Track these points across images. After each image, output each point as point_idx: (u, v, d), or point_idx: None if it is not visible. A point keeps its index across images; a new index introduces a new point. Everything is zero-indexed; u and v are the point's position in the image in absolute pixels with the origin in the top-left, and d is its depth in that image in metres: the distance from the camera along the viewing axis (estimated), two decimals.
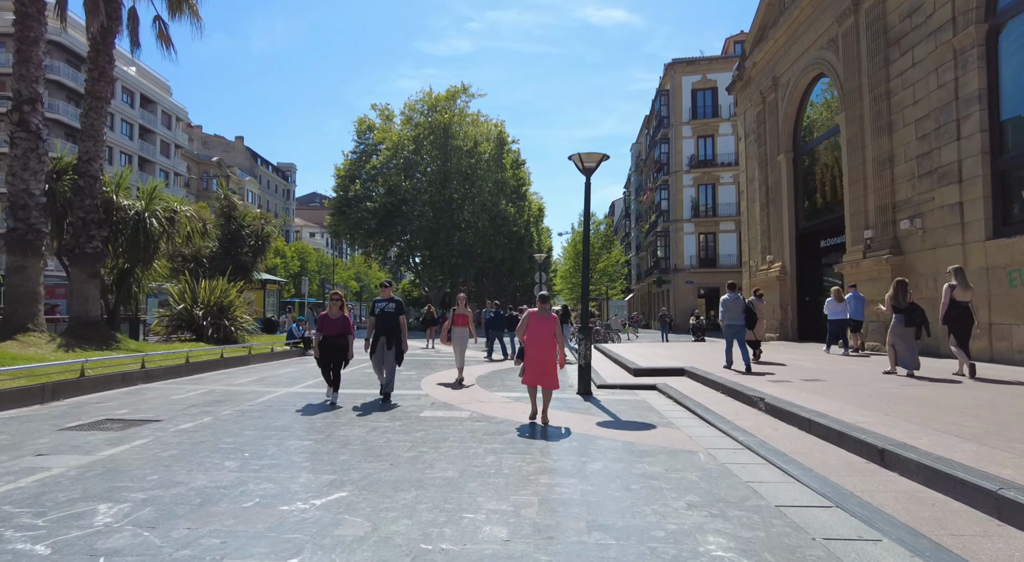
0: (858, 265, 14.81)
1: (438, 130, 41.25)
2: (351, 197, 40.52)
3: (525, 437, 5.91)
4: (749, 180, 23.60)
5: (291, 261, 63.46)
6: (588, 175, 9.34)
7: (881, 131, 14.01)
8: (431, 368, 13.24)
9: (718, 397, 8.33)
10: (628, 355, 13.83)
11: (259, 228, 18.57)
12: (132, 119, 50.45)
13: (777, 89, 20.55)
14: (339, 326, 8.09)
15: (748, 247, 23.89)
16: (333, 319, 8.12)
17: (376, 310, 8.36)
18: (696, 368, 10.70)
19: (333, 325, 8.08)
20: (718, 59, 41.99)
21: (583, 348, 9.18)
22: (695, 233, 41.48)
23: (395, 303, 8.44)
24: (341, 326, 8.11)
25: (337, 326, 8.08)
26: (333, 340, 8.05)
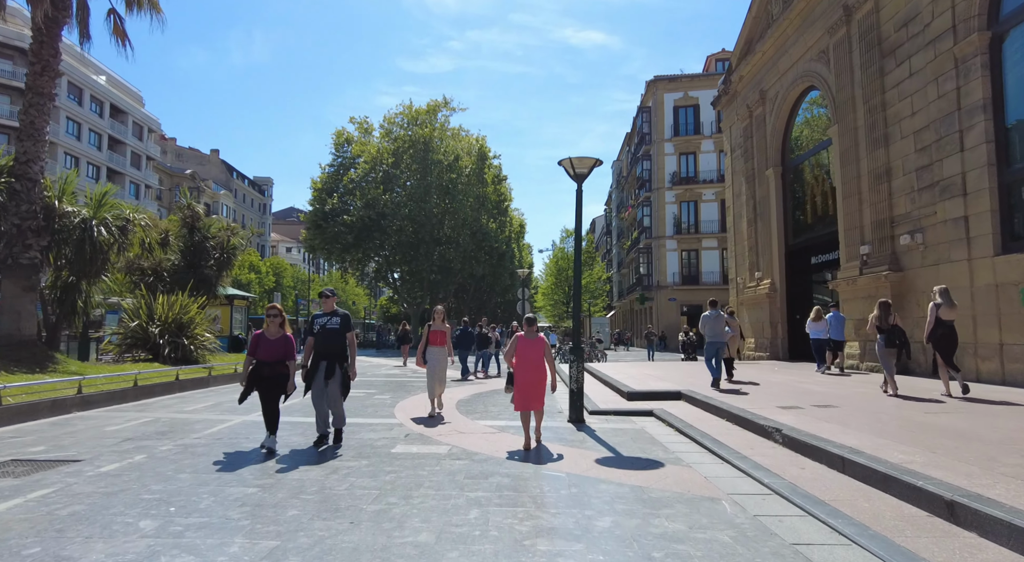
0: (854, 282, 14.27)
1: (418, 143, 40.51)
2: (328, 211, 39.39)
3: (514, 480, 5.01)
4: (736, 195, 23.18)
5: (266, 276, 61.79)
6: (580, 182, 8.59)
7: (877, 143, 13.56)
8: (406, 391, 12.24)
9: (725, 425, 7.53)
10: (618, 376, 13.01)
11: (224, 240, 17.39)
12: (101, 129, 48.86)
13: (765, 102, 20.21)
14: (278, 349, 6.34)
15: (735, 264, 23.39)
16: (271, 340, 6.33)
17: (315, 327, 6.64)
18: (694, 391, 9.92)
19: (271, 348, 6.30)
20: (700, 77, 42.10)
21: (574, 371, 8.33)
22: (677, 250, 41.16)
23: (339, 317, 6.69)
24: (281, 349, 6.36)
25: (276, 349, 6.33)
26: (270, 368, 6.28)
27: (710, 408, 8.65)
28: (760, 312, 20.29)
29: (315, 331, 6.65)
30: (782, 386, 10.79)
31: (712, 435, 6.90)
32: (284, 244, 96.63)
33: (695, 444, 6.68)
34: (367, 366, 20.89)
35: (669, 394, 10.31)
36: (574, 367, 8.32)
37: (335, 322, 6.65)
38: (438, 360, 8.89)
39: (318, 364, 6.57)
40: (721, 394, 9.62)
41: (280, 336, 6.41)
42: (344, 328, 6.71)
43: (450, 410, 9.37)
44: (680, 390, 10.31)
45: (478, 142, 43.82)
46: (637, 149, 46.54)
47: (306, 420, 8.09)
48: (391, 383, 14.17)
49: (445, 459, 5.84)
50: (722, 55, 43.24)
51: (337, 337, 6.64)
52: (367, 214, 38.22)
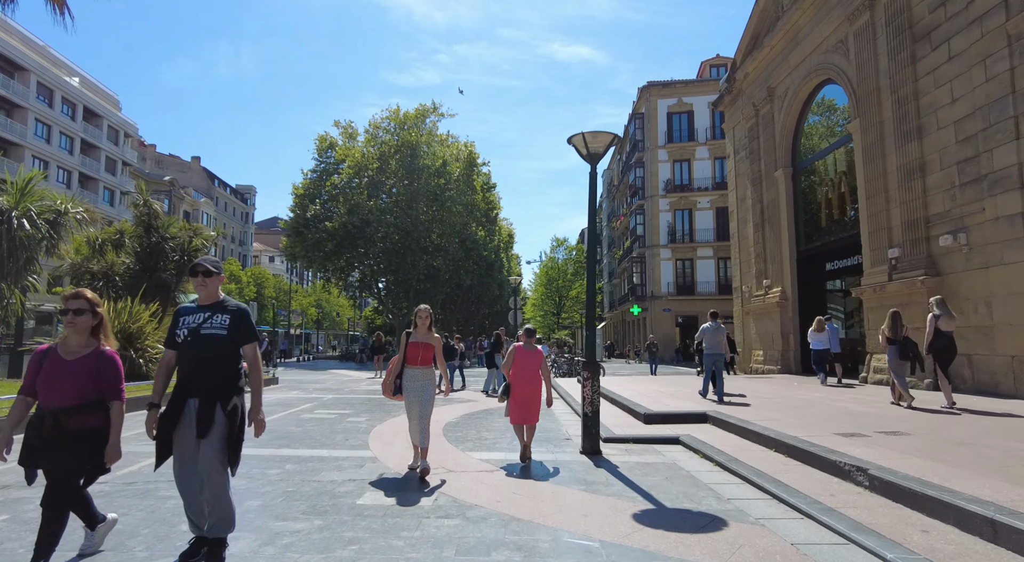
0: (883, 289, 12.97)
1: (405, 148, 39.08)
2: (309, 217, 37.72)
3: (527, 557, 3.50)
4: (740, 199, 21.97)
5: (247, 287, 59.79)
6: (594, 163, 7.16)
7: (908, 136, 12.34)
8: (386, 411, 10.65)
9: (775, 458, 6.07)
10: (627, 394, 11.53)
11: (185, 241, 15.72)
12: (73, 132, 46.88)
13: (773, 100, 19.06)
14: (79, 382, 3.18)
15: (739, 271, 22.12)
16: (66, 363, 3.20)
17: (178, 333, 3.49)
18: (722, 413, 8.47)
19: (66, 380, 3.17)
20: (694, 82, 41.22)
21: (589, 391, 6.84)
22: (672, 259, 39.95)
23: (228, 315, 3.51)
24: (84, 382, 3.19)
25: (76, 381, 3.17)
26: (61, 417, 3.11)
27: (749, 434, 7.20)
28: (769, 323, 18.98)
29: (177, 339, 3.49)
30: (814, 405, 9.38)
31: (768, 472, 5.45)
32: (267, 254, 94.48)
33: (751, 486, 5.21)
34: (345, 381, 19.20)
35: (693, 416, 8.85)
36: (589, 386, 6.82)
37: (219, 323, 3.47)
38: (418, 391, 5.72)
39: (181, 404, 3.42)
40: (766, 420, 8.20)
41: (89, 354, 3.26)
42: (235, 335, 3.51)
43: (436, 437, 7.82)
44: (705, 411, 8.86)
45: (467, 148, 42.50)
46: (629, 156, 45.50)
47: (284, 455, 6.50)
48: (370, 402, 12.57)
49: (429, 516, 4.31)
50: (717, 61, 42.47)
51: (218, 351, 3.48)
52: (350, 221, 36.60)
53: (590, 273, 7.27)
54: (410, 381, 5.78)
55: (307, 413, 10.46)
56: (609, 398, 11.15)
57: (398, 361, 5.86)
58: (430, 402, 5.80)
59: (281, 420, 9.37)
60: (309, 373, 24.02)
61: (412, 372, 5.81)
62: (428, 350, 5.83)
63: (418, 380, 5.79)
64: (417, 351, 5.79)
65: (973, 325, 10.77)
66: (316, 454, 6.61)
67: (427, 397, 5.77)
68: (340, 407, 11.48)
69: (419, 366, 5.80)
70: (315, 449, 6.92)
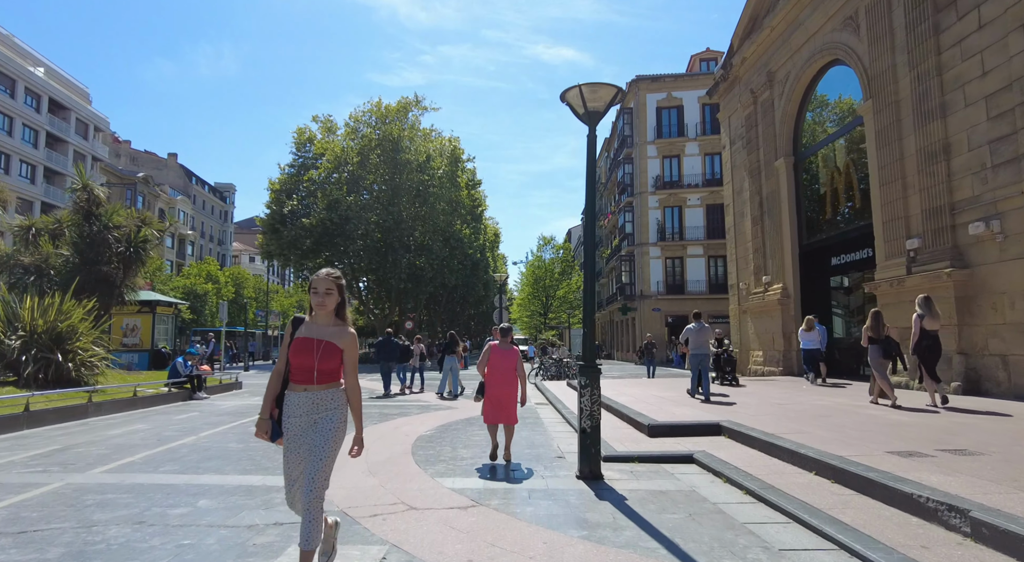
0: (901, 283, 11.87)
1: (387, 142, 37.61)
2: (286, 213, 36.13)
3: None
4: (737, 192, 20.89)
5: (225, 287, 57.82)
6: (593, 123, 5.90)
7: (930, 116, 11.26)
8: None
9: (823, 486, 4.84)
10: (624, 401, 10.29)
11: (131, 231, 14.14)
12: (38, 125, 44.80)
13: (773, 86, 17.98)
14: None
15: (737, 268, 21.03)
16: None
17: None
18: (740, 424, 7.25)
19: None
20: (684, 77, 40.25)
21: (587, 401, 5.57)
22: (661, 257, 38.89)
23: None
24: None
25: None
26: None
27: (778, 452, 5.97)
28: (769, 321, 17.88)
29: None
30: (841, 413, 8.19)
31: (821, 508, 4.22)
32: (247, 254, 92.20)
33: (804, 529, 3.97)
34: None
35: (705, 427, 7.62)
36: (588, 395, 5.54)
37: None
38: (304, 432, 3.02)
39: None
40: (801, 436, 6.99)
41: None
42: None
43: (402, 458, 6.50)
44: (719, 421, 7.63)
45: (451, 143, 41.15)
46: (618, 153, 44.44)
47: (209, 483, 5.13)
48: None
49: None
50: (707, 55, 41.59)
51: None
52: (329, 217, 35.07)
53: (588, 259, 6.00)
54: (295, 412, 3.02)
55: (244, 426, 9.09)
56: (605, 405, 9.90)
57: (275, 378, 3.11)
58: (328, 449, 3.00)
59: (222, 434, 7.99)
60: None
61: (298, 397, 3.02)
62: (331, 355, 3.05)
63: (307, 411, 3.02)
64: (308, 355, 3.01)
65: (1009, 322, 9.68)
66: (246, 482, 5.26)
67: (323, 441, 2.99)
68: None
69: (312, 386, 3.03)
70: (248, 475, 5.57)
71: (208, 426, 8.76)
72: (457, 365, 14.03)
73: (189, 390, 13.13)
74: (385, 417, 10.11)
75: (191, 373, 13.32)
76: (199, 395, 13.16)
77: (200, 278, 57.54)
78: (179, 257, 68.41)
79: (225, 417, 9.90)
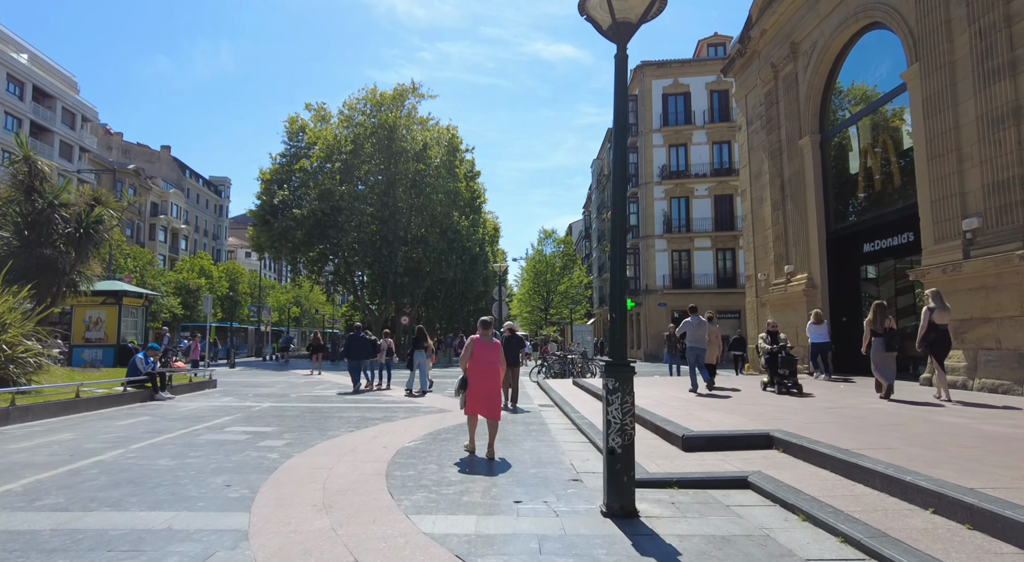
0: (957, 269, 10.41)
1: (381, 131, 36.08)
2: (277, 204, 34.60)
3: None
4: (755, 176, 19.41)
5: (218, 282, 56.35)
6: (622, 40, 4.43)
7: (995, 75, 9.79)
8: (320, 430, 7.82)
9: (958, 533, 3.39)
10: (646, 404, 8.84)
11: (82, 210, 12.58)
12: (21, 113, 43.28)
13: (797, 58, 16.49)
14: None
15: (754, 258, 19.57)
16: None
17: None
18: (799, 437, 5.80)
19: None
20: (691, 62, 38.69)
21: (618, 412, 4.10)
22: (667, 250, 37.40)
23: None
24: None
25: None
26: None
27: (867, 476, 4.51)
28: (792, 314, 16.42)
29: None
30: (911, 421, 6.74)
31: None
32: (243, 249, 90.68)
33: None
34: (299, 384, 16.25)
35: (751, 438, 6.18)
36: (618, 404, 4.08)
37: None
38: None
39: None
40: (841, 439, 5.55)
41: None
42: None
43: (374, 479, 5.05)
44: (768, 432, 6.19)
45: (449, 131, 39.58)
46: None
47: None
48: (310, 414, 9.76)
49: None
50: (715, 39, 40.03)
51: None
52: (321, 207, 33.57)
53: (618, 220, 4.57)
54: None
55: (213, 432, 7.63)
56: None
57: None
58: None
59: (158, 447, 6.53)
60: (265, 374, 21.10)
61: None
62: None
63: None
64: None
65: None
66: (141, 524, 3.80)
67: None
68: (267, 421, 8.66)
69: None
70: (153, 511, 4.11)
71: (149, 435, 7.32)
72: (426, 361, 13.47)
73: (151, 390, 11.68)
74: (366, 422, 8.67)
75: (153, 370, 11.88)
76: (161, 395, 11.72)
77: (193, 273, 56.11)
78: (172, 252, 66.92)
79: (177, 423, 8.45)
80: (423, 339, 13.64)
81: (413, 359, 13.27)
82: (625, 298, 4.56)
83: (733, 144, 37.33)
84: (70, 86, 51.38)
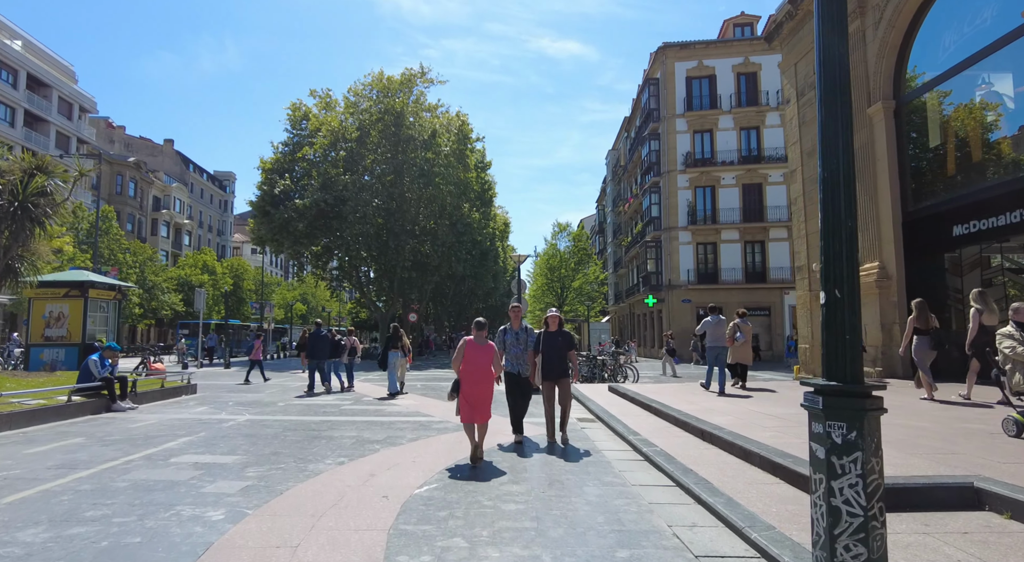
0: None
1: (388, 117, 34.01)
2: (278, 194, 32.66)
3: None
4: (807, 154, 17.18)
5: (222, 278, 54.66)
6: None
7: None
8: (301, 461, 5.75)
9: None
10: (724, 422, 6.71)
11: (17, 180, 10.40)
12: (14, 102, 41.62)
13: (864, 13, 14.27)
14: None
15: (807, 246, 17.34)
16: None
17: None
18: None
19: None
20: (716, 43, 36.36)
21: (857, 491, 1.97)
22: (692, 243, 35.14)
23: None
24: None
25: None
26: None
27: None
28: (865, 309, 14.18)
29: None
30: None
31: None
32: (249, 245, 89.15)
33: None
34: (293, 388, 14.20)
35: (937, 491, 4.04)
36: (848, 472, 1.95)
37: None
38: None
39: None
40: None
41: None
42: None
43: (374, 544, 2.97)
44: (971, 481, 4.05)
45: (459, 119, 37.45)
46: (642, 129, 40.65)
47: None
48: (293, 434, 7.69)
49: None
50: (742, 19, 37.69)
51: None
52: (324, 197, 31.58)
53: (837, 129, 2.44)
54: None
55: (150, 466, 5.58)
56: (723, 440, 6.30)
57: None
58: None
59: (48, 497, 4.47)
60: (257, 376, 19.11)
61: None
62: None
63: None
64: None
65: None
66: None
67: None
68: (232, 445, 6.60)
69: None
70: None
71: (54, 472, 5.28)
72: (401, 360, 12.75)
73: (107, 398, 9.68)
74: (363, 446, 6.61)
75: (111, 374, 9.88)
76: (120, 406, 9.71)
77: (196, 269, 54.40)
78: (175, 247, 65.33)
79: (111, 449, 6.41)
80: (397, 338, 12.87)
81: (387, 359, 12.50)
82: (856, 266, 2.44)
83: (762, 130, 35.06)
84: (67, 75, 49.71)
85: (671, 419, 7.74)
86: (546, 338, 6.81)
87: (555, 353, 6.73)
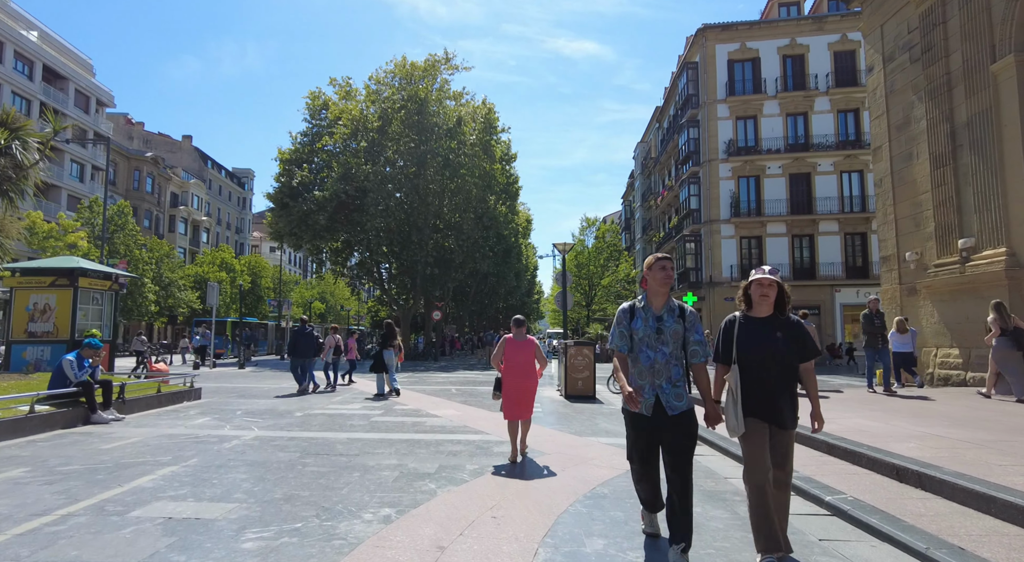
0: None
1: (411, 104, 32.19)
2: (296, 185, 31.01)
3: None
4: (897, 127, 14.97)
5: (240, 276, 53.43)
6: None
7: None
8: (313, 511, 3.82)
9: None
10: (892, 447, 4.64)
11: None
12: (30, 94, 40.60)
13: None
14: None
15: (896, 233, 15.12)
16: None
17: None
18: None
19: None
20: (760, 24, 34.02)
21: None
22: (735, 237, 32.83)
23: None
24: None
25: None
26: None
27: None
28: (973, 305, 12.00)
29: None
30: None
31: None
32: (268, 243, 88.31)
33: None
34: (312, 395, 12.34)
35: None
36: None
37: None
38: None
39: None
40: None
41: None
42: None
43: None
44: None
45: (485, 107, 35.53)
46: (678, 117, 38.40)
47: None
48: (312, 459, 5.79)
49: None
50: None
51: None
52: (344, 188, 29.86)
53: None
54: None
55: (95, 526, 3.70)
56: (883, 464, 4.25)
57: None
58: None
59: None
60: (275, 378, 17.40)
61: None
62: None
63: None
64: None
65: None
66: None
67: None
68: (231, 481, 4.71)
69: None
70: None
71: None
72: (393, 360, 12.35)
73: (85, 405, 7.89)
74: (411, 485, 4.71)
75: (91, 378, 8.09)
76: (101, 417, 7.91)
77: (213, 266, 53.21)
78: (192, 244, 64.35)
79: (53, 491, 4.54)
80: (391, 337, 12.57)
81: (382, 358, 12.15)
82: None
83: (810, 116, 32.65)
84: (85, 68, 48.78)
85: (823, 446, 5.70)
86: (747, 329, 3.33)
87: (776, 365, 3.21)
